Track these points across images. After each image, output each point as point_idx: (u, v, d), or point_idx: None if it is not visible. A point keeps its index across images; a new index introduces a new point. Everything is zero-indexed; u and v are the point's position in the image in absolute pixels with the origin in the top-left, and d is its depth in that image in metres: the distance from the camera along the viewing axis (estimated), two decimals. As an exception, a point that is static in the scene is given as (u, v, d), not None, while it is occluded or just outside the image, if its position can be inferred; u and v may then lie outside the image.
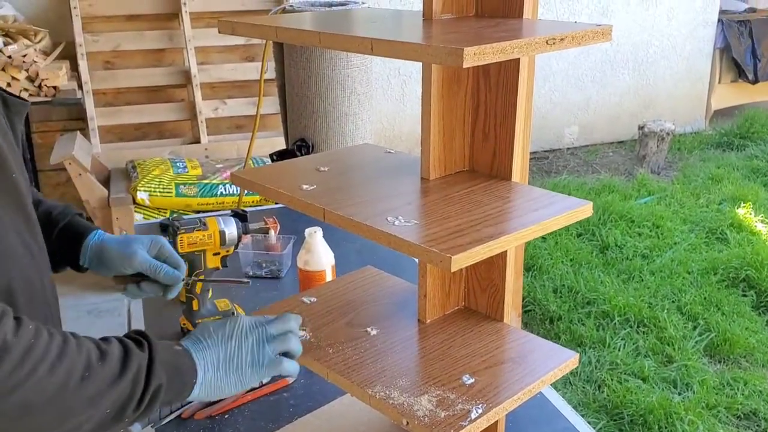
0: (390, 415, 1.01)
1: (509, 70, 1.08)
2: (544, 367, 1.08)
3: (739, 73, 6.44)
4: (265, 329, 1.07)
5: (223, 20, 1.10)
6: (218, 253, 1.59)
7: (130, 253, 1.28)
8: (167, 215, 3.61)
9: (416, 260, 1.06)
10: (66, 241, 1.29)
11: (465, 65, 0.78)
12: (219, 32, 1.10)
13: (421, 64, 0.98)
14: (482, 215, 1.01)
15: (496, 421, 1.19)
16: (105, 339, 0.94)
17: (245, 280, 1.53)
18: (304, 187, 1.11)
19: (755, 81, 6.39)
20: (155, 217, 3.59)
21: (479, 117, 1.15)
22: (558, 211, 1.02)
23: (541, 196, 1.07)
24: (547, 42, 0.88)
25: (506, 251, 1.13)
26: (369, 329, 1.20)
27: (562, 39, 0.90)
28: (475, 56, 0.79)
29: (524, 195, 1.08)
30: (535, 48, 0.87)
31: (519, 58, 1.05)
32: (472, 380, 1.05)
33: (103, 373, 0.87)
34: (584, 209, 1.05)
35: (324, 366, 1.10)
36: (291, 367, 1.07)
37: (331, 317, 1.24)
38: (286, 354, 1.08)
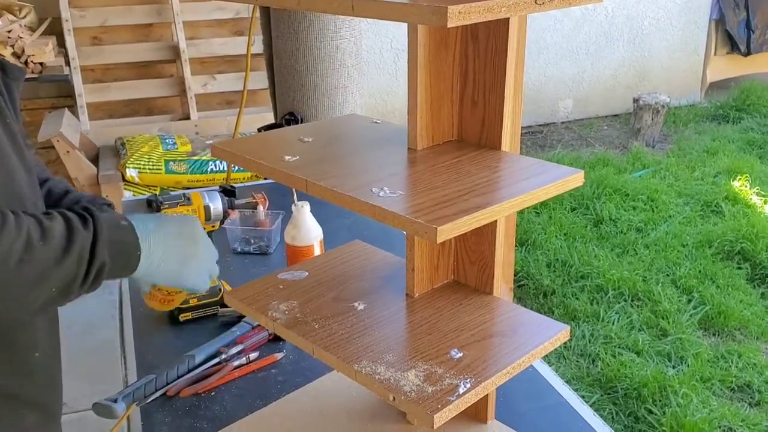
0: (376, 391, 0.98)
1: (498, 34, 1.03)
2: (534, 340, 1.06)
3: (732, 45, 6.37)
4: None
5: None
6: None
7: None
8: (157, 192, 3.57)
9: (405, 234, 1.03)
10: None
11: (449, 24, 0.74)
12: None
13: (405, 27, 0.94)
14: (470, 185, 0.98)
15: (486, 396, 1.17)
16: (48, 214, 0.93)
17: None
18: (287, 158, 1.08)
19: (747, 53, 6.33)
20: (145, 194, 3.55)
21: (468, 84, 1.11)
22: (548, 180, 0.99)
23: (531, 165, 1.04)
24: (536, 1, 0.84)
25: (495, 222, 1.10)
26: (356, 304, 1.17)
27: (551, -1, 0.86)
28: (460, 15, 0.76)
29: (514, 164, 1.05)
30: (523, 7, 0.83)
31: (508, 22, 1.01)
32: (460, 354, 1.02)
33: (45, 254, 0.87)
34: (575, 178, 1.01)
35: (309, 341, 1.07)
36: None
37: (317, 292, 1.21)
38: None
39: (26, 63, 3.94)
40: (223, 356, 1.46)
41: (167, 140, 3.81)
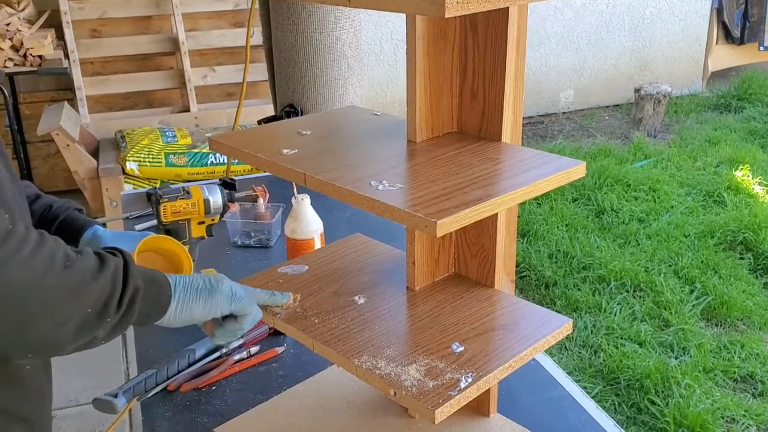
0: (377, 386, 0.98)
1: (498, 24, 1.02)
2: (536, 333, 1.05)
3: (726, 34, 6.34)
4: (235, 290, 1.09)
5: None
6: (203, 222, 1.55)
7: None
8: (157, 185, 3.56)
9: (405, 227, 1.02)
10: (63, 235, 1.28)
11: (447, 15, 0.73)
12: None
13: (404, 18, 0.93)
14: (470, 178, 0.97)
15: (488, 390, 1.17)
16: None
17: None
18: (285, 151, 1.07)
19: (741, 42, 6.29)
20: (145, 187, 3.54)
21: (467, 75, 1.10)
22: (550, 172, 0.98)
23: (533, 157, 1.03)
24: (536, -9, 0.83)
25: (496, 215, 1.09)
26: (356, 298, 1.16)
27: (552, -12, 0.85)
28: (458, 5, 0.74)
29: (514, 156, 1.04)
30: (523, -3, 0.82)
31: (508, 12, 1.00)
32: (461, 348, 1.02)
33: (84, 265, 0.87)
34: (577, 169, 1.00)
35: (309, 336, 1.07)
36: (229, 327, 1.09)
37: (317, 286, 1.21)
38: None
39: (25, 56, 3.92)
40: (224, 350, 1.45)
41: (167, 133, 3.80)
